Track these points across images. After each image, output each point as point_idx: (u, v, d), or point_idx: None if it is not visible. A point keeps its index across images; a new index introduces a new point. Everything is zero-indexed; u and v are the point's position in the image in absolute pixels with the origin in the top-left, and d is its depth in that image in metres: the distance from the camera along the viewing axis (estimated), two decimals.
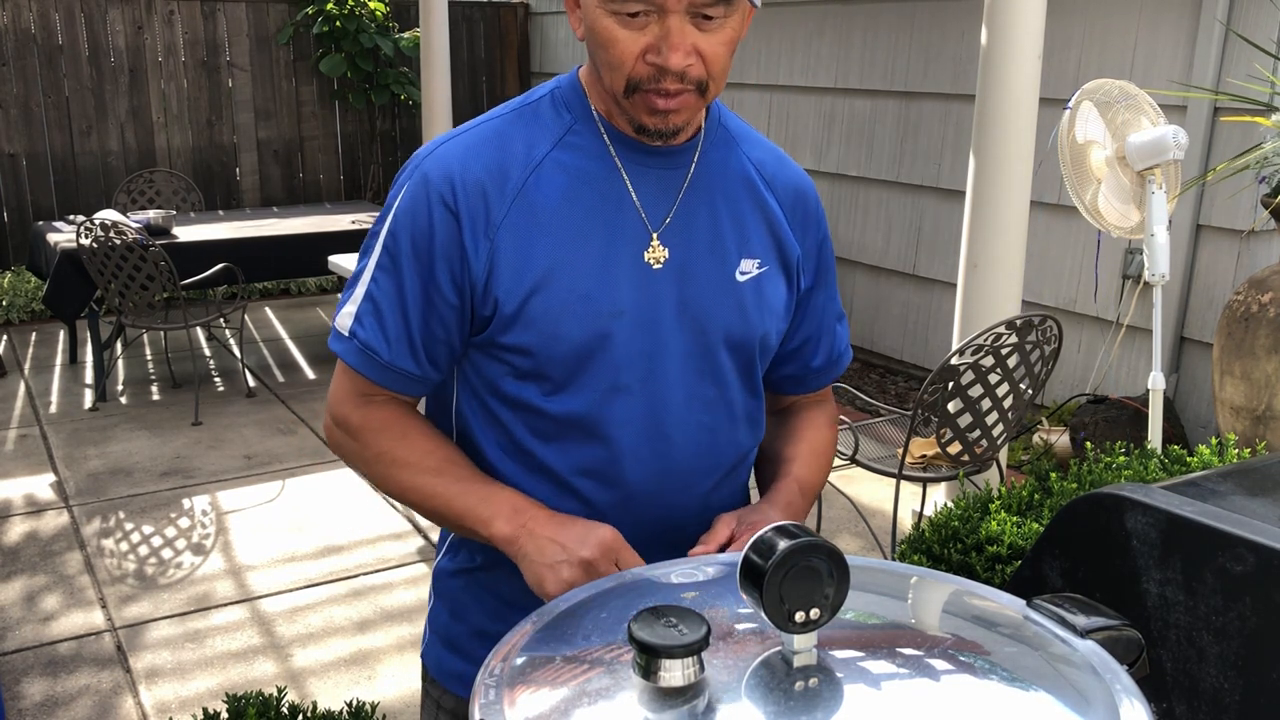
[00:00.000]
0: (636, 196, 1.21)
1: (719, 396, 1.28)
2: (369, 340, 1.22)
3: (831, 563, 0.73)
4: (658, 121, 1.15)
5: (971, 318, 3.68)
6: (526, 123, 1.23)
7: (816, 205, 1.36)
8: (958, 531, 2.05)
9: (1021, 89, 3.49)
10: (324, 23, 7.71)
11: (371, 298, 1.22)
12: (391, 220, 1.22)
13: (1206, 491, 1.16)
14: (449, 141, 1.23)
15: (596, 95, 1.22)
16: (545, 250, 1.18)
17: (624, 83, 1.13)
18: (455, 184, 1.18)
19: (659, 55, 1.09)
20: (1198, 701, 1.06)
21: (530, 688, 0.74)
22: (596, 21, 1.11)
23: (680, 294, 1.23)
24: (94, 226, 4.94)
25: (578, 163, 1.21)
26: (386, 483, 1.27)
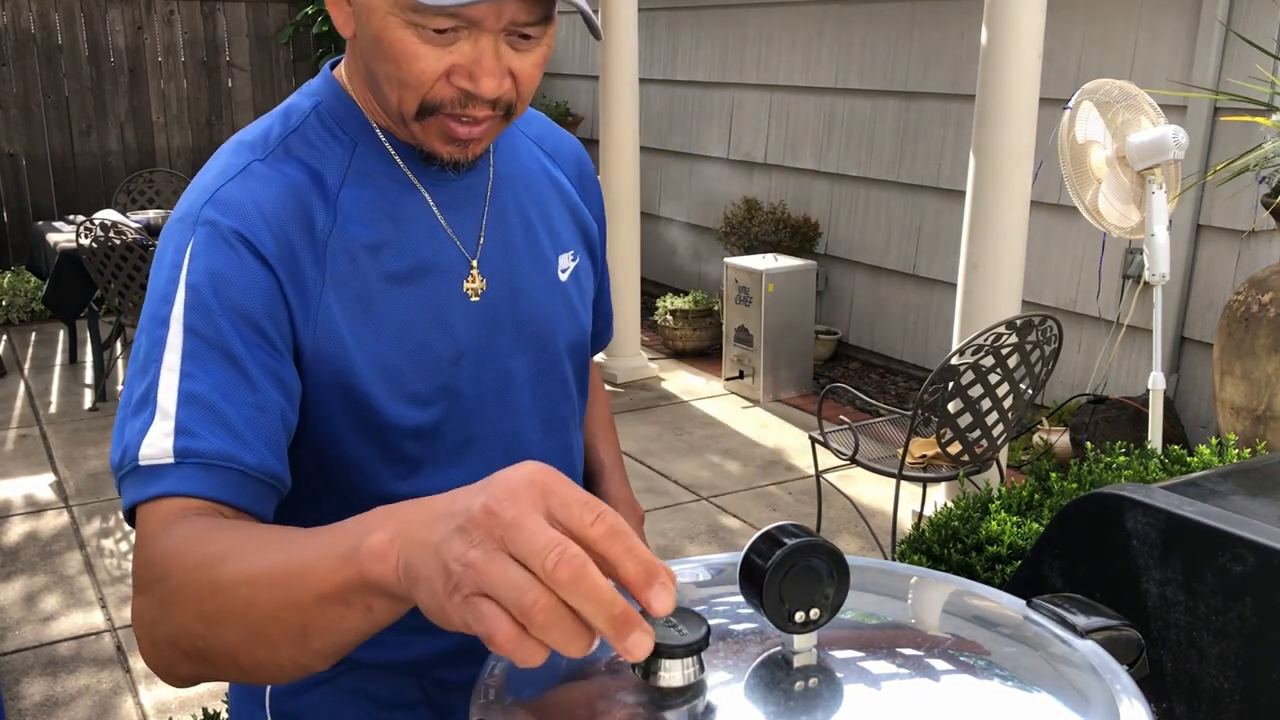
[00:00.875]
0: (445, 221, 1.04)
1: (566, 411, 1.16)
2: (217, 448, 0.86)
3: (831, 563, 0.73)
4: (455, 151, 0.97)
5: (971, 318, 3.68)
6: (300, 156, 1.00)
7: (592, 167, 1.24)
8: (958, 531, 2.05)
9: (1021, 89, 3.49)
10: (324, 22, 7.72)
11: (193, 399, 0.87)
12: (187, 292, 0.91)
13: (1207, 491, 1.16)
14: (225, 186, 0.96)
15: (372, 107, 1.02)
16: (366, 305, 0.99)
17: (417, 105, 0.94)
18: (258, 227, 0.94)
19: (469, 80, 0.92)
20: (1198, 701, 1.06)
21: (530, 688, 0.74)
22: (386, 30, 0.91)
23: (514, 316, 1.08)
24: (94, 226, 4.94)
25: (377, 195, 1.01)
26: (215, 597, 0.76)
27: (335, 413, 0.99)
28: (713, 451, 4.83)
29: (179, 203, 0.99)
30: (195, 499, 0.85)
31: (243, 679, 0.79)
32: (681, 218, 7.25)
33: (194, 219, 0.94)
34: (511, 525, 0.59)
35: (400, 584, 0.65)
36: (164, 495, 0.85)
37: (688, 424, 5.16)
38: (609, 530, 0.60)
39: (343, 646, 0.73)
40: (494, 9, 0.89)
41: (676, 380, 5.81)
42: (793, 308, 5.44)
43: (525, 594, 0.57)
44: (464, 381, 1.04)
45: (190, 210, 0.96)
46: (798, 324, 5.49)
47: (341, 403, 0.99)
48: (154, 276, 0.95)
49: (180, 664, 0.80)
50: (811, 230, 6.08)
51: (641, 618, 0.59)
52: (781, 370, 5.49)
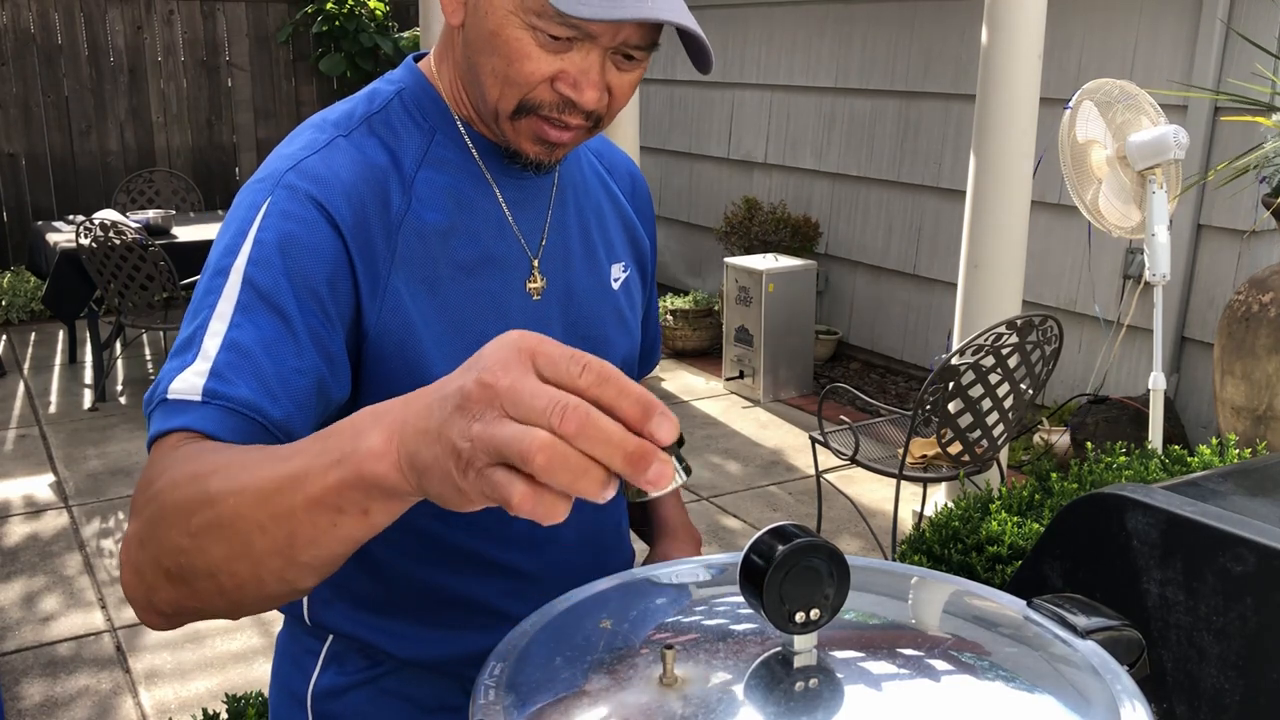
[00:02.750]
0: (513, 219, 1.07)
1: None
2: (241, 396, 0.85)
3: (831, 563, 0.73)
4: (541, 152, 1.00)
5: (972, 318, 3.68)
6: (382, 137, 1.02)
7: (646, 185, 1.27)
8: (958, 532, 2.04)
9: (1021, 89, 3.49)
10: (323, 22, 7.72)
11: (235, 347, 0.88)
12: (254, 248, 0.92)
13: (1207, 491, 1.16)
14: (310, 156, 0.98)
15: (457, 99, 1.04)
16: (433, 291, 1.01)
17: (516, 103, 0.97)
18: (338, 198, 0.96)
19: (573, 88, 0.95)
20: (1198, 702, 1.06)
21: (530, 688, 0.74)
22: (505, 29, 0.93)
23: (566, 318, 1.10)
24: (94, 226, 4.94)
25: (451, 183, 1.03)
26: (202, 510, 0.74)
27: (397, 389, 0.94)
28: (713, 452, 4.83)
29: (260, 168, 1.00)
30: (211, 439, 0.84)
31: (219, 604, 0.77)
32: (682, 218, 7.25)
33: (275, 181, 0.96)
34: (509, 393, 0.60)
35: (405, 479, 0.65)
36: (183, 429, 0.84)
37: (688, 424, 5.16)
38: (598, 377, 0.60)
39: (331, 558, 0.72)
40: (613, 27, 0.94)
41: (677, 380, 5.81)
42: (793, 308, 5.44)
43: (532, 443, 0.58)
44: None
45: (272, 173, 0.97)
46: (798, 324, 5.49)
47: (404, 380, 0.98)
48: (221, 232, 0.96)
49: (161, 588, 0.77)
50: (811, 230, 6.08)
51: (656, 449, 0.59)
52: (782, 370, 5.49)
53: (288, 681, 1.16)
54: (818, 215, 6.15)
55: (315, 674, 1.12)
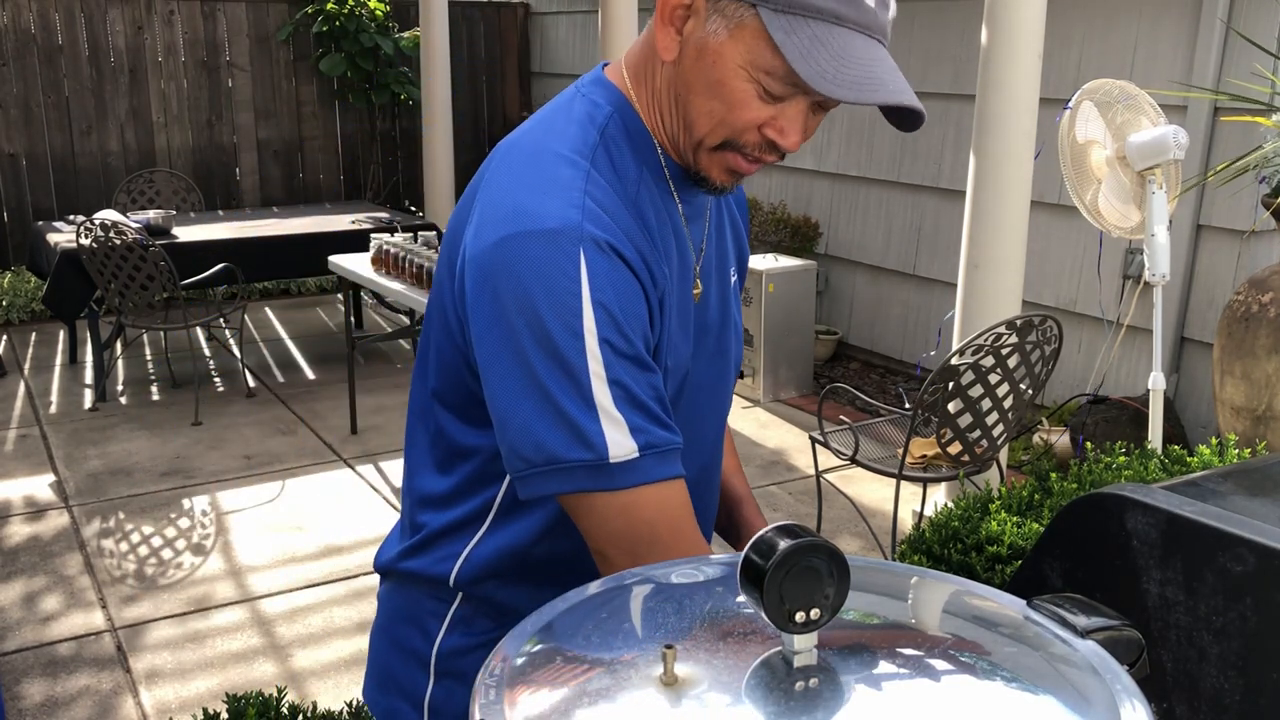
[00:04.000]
0: (689, 232, 1.16)
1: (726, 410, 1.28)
2: (666, 439, 1.03)
3: (832, 563, 0.73)
4: (728, 180, 1.09)
5: (972, 318, 3.68)
6: (615, 164, 1.08)
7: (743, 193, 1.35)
8: (958, 531, 2.05)
9: (1021, 89, 3.49)
10: (324, 22, 7.72)
11: (631, 402, 1.01)
12: (594, 309, 0.99)
13: (1207, 491, 1.16)
14: (586, 194, 1.03)
15: (656, 125, 1.11)
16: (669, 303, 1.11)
17: (722, 140, 1.04)
18: (624, 242, 1.03)
19: (780, 135, 1.03)
20: (1198, 702, 1.06)
21: (531, 688, 0.74)
22: (732, 80, 1.01)
23: (710, 322, 1.19)
24: (94, 226, 4.95)
25: (656, 204, 1.11)
26: None
27: None
28: None
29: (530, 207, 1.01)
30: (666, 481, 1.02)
31: None
32: None
33: (577, 233, 1.00)
34: None
35: None
36: (641, 484, 1.01)
37: None
38: None
39: None
40: None
41: None
42: (793, 308, 5.44)
43: None
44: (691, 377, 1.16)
45: (568, 224, 1.00)
46: (798, 324, 5.50)
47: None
48: (544, 281, 0.99)
49: None
50: (811, 230, 6.07)
51: None
52: (781, 370, 5.49)
53: (406, 641, 1.23)
54: (818, 215, 6.15)
55: (440, 635, 1.21)
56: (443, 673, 1.22)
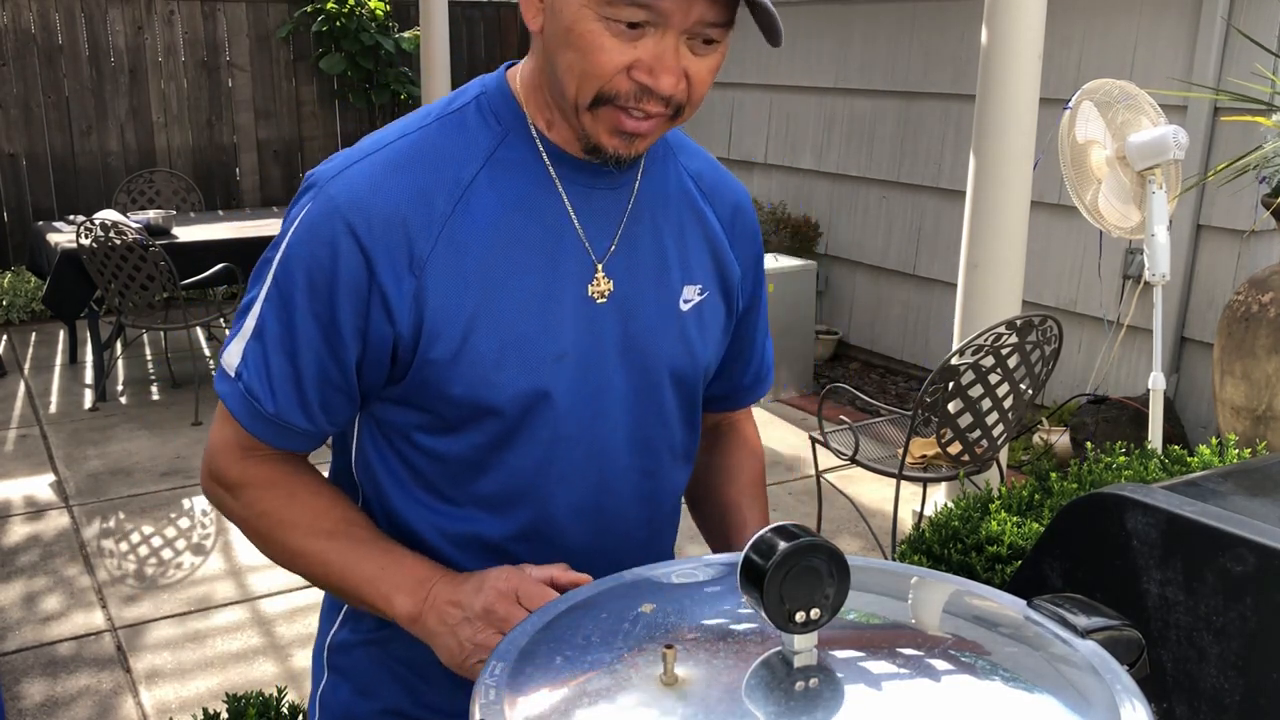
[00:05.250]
0: (579, 223, 1.08)
1: (661, 438, 1.17)
2: (252, 385, 1.05)
3: (831, 563, 0.73)
4: (620, 144, 1.01)
5: (972, 318, 3.68)
6: (450, 135, 1.07)
7: (753, 219, 1.26)
8: (958, 531, 2.05)
9: (1021, 89, 3.49)
10: (324, 21, 7.72)
11: (259, 335, 1.05)
12: (286, 248, 1.04)
13: (1207, 491, 1.16)
14: (360, 161, 1.05)
15: (536, 104, 1.07)
16: (479, 288, 1.04)
17: (594, 95, 0.99)
18: (369, 214, 1.01)
19: (649, 75, 0.97)
20: (1198, 702, 1.06)
21: (531, 688, 0.74)
22: (579, 22, 0.96)
23: (624, 330, 1.11)
24: (94, 226, 4.94)
25: (512, 184, 1.06)
26: (270, 545, 1.12)
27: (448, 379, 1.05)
28: None
29: (333, 157, 1.08)
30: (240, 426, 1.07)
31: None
32: None
33: (320, 186, 1.04)
34: (506, 620, 0.97)
35: (421, 638, 1.05)
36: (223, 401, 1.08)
37: None
38: None
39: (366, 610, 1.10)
40: (684, 5, 0.94)
41: None
42: (793, 308, 5.44)
43: None
44: (561, 382, 1.07)
45: (320, 177, 1.05)
46: (798, 324, 5.49)
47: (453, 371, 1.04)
48: (285, 222, 1.07)
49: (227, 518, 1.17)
50: (811, 230, 6.07)
51: None
52: (781, 370, 5.49)
53: (320, 632, 1.26)
54: (818, 215, 6.15)
55: (334, 628, 1.23)
56: (332, 667, 1.23)
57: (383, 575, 1.06)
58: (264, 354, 1.04)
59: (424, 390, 1.06)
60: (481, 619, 0.99)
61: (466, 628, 1.00)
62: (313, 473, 1.14)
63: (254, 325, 1.05)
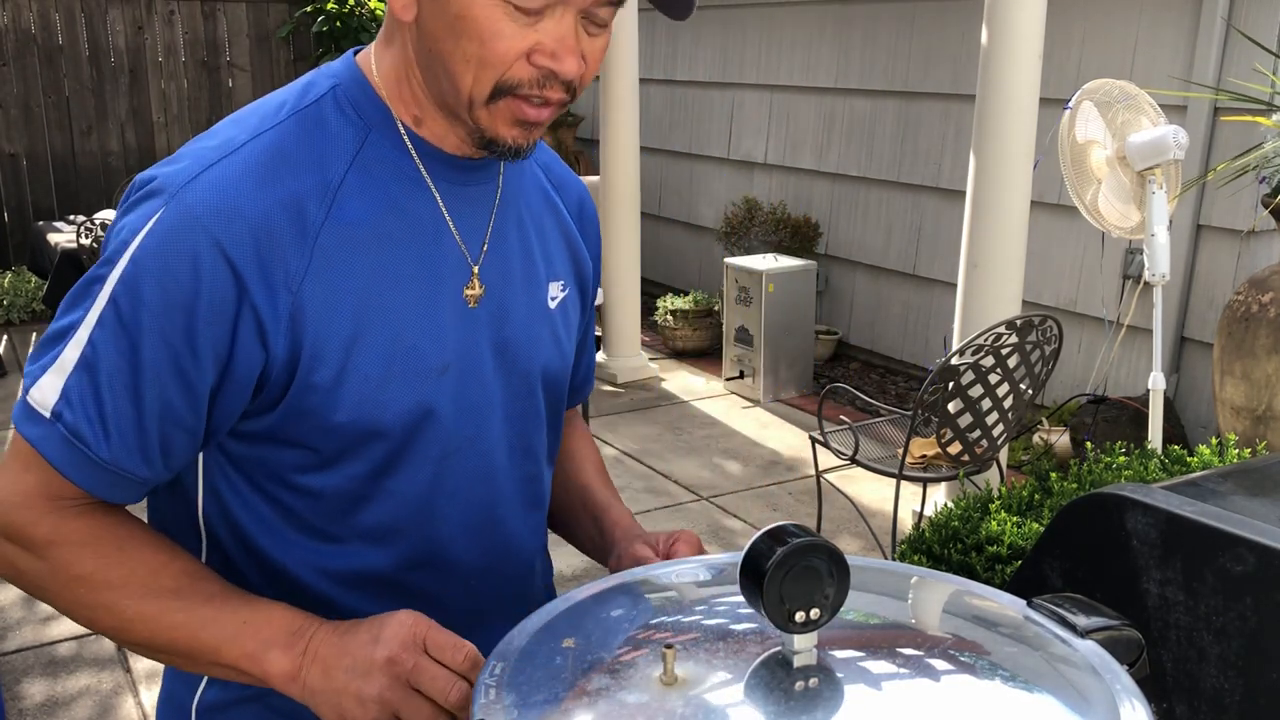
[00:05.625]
0: (453, 224, 1.01)
1: (538, 441, 1.12)
2: (79, 428, 0.89)
3: (831, 563, 0.73)
4: (519, 135, 0.95)
5: (971, 318, 3.68)
6: (309, 134, 0.96)
7: (594, 208, 1.21)
8: (958, 531, 2.05)
9: (1021, 89, 3.49)
10: (324, 22, 7.72)
11: (89, 368, 0.89)
12: (129, 265, 0.89)
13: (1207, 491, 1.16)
14: (216, 165, 0.92)
15: (401, 99, 0.99)
16: (358, 301, 0.95)
17: (492, 85, 0.91)
18: (236, 225, 0.90)
19: (552, 59, 0.90)
20: (1198, 702, 1.06)
21: (531, 688, 0.74)
22: (472, 8, 0.88)
23: (498, 334, 1.05)
24: (94, 226, 4.95)
25: (382, 186, 0.98)
26: (94, 611, 0.94)
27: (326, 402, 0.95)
28: (713, 451, 4.83)
29: (177, 153, 0.95)
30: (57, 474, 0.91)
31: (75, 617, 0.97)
32: (682, 218, 7.25)
33: (172, 193, 0.90)
34: (415, 671, 0.86)
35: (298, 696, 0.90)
36: (34, 446, 0.91)
37: (688, 424, 5.16)
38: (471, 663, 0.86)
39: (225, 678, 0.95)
40: None
41: (677, 380, 5.81)
42: (793, 308, 5.44)
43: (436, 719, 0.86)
44: (445, 395, 1.01)
45: (173, 180, 0.91)
46: (798, 324, 5.49)
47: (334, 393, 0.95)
48: (116, 218, 0.93)
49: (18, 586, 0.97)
50: (811, 230, 6.07)
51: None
52: (782, 370, 5.49)
53: (174, 693, 1.09)
54: (818, 215, 6.15)
55: (201, 688, 1.06)
56: None
57: (246, 630, 0.90)
58: (95, 390, 0.89)
59: (300, 421, 0.95)
60: (384, 671, 0.86)
61: (364, 683, 0.86)
62: (138, 523, 0.98)
63: (79, 355, 0.89)
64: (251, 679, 0.91)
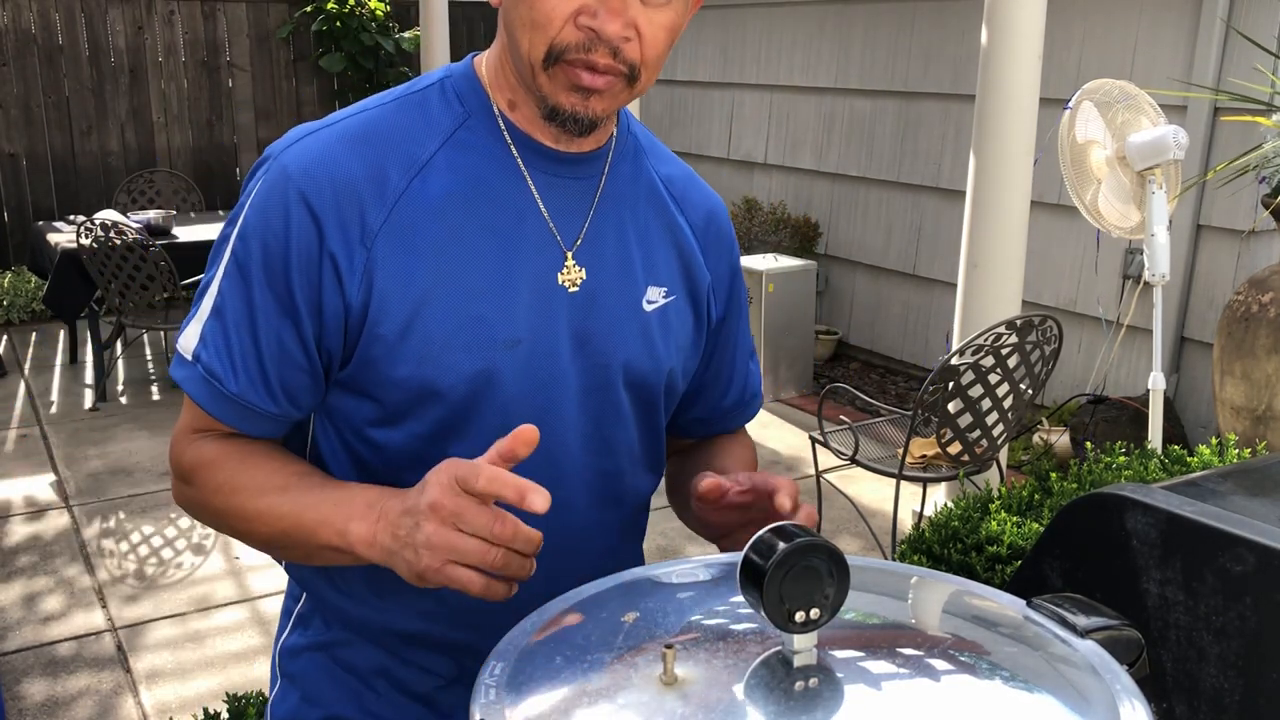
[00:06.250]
0: (547, 211, 1.06)
1: (620, 438, 1.14)
2: (213, 365, 1.02)
3: (831, 563, 0.73)
4: (577, 102, 0.99)
5: (971, 318, 3.68)
6: (410, 115, 1.05)
7: (729, 230, 1.22)
8: (958, 531, 2.05)
9: (1021, 89, 3.49)
10: (324, 21, 7.72)
11: (219, 313, 1.02)
12: (242, 222, 1.02)
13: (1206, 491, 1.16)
14: (315, 133, 1.04)
15: (499, 85, 1.06)
16: (431, 267, 1.01)
17: (545, 48, 0.96)
18: (321, 182, 1.00)
19: (594, 19, 0.94)
20: (1198, 702, 1.06)
21: (531, 687, 0.74)
22: None
23: (583, 322, 1.08)
24: (94, 226, 4.94)
25: (472, 164, 1.04)
26: (229, 519, 1.06)
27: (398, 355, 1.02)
28: None
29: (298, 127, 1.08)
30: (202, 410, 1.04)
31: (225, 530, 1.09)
32: None
33: (274, 157, 1.03)
34: (456, 512, 0.89)
35: (380, 560, 0.96)
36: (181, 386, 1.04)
37: None
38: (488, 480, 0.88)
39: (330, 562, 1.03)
40: None
41: None
42: (793, 308, 5.44)
43: (487, 554, 0.89)
44: (512, 368, 1.04)
45: (275, 149, 1.05)
46: (798, 324, 5.50)
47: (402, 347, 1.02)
48: (241, 198, 1.05)
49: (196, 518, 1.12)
50: (811, 230, 6.08)
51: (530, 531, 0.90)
52: (781, 370, 5.49)
53: (276, 637, 1.25)
54: (818, 215, 6.15)
55: (286, 632, 1.21)
56: (283, 673, 1.21)
57: (337, 511, 0.98)
58: (224, 332, 1.01)
59: (368, 370, 1.03)
60: (428, 518, 0.90)
61: (417, 532, 0.91)
62: (262, 442, 1.08)
63: (212, 304, 1.02)
64: (344, 554, 0.98)
